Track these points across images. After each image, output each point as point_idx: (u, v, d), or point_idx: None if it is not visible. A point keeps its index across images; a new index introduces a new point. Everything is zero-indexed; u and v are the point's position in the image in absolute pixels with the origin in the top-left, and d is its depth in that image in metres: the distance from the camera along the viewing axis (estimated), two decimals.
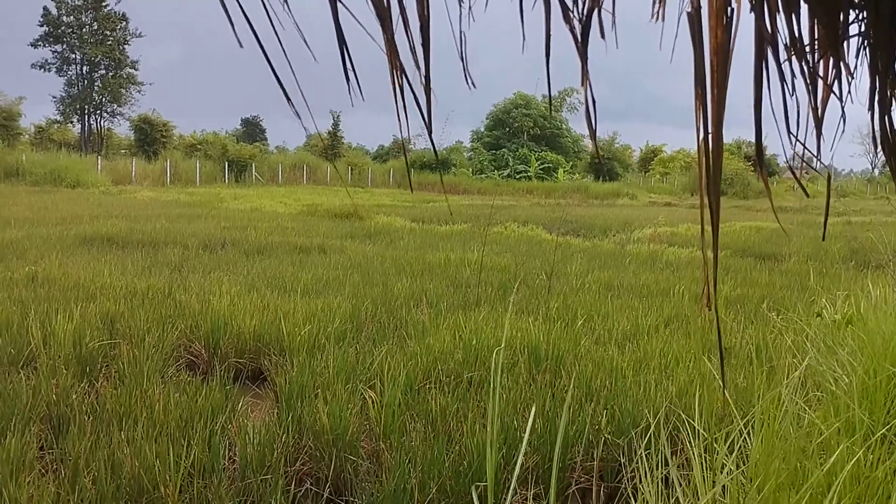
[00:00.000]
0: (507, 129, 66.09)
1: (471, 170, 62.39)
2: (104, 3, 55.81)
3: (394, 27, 0.86)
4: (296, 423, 4.26)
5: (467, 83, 0.99)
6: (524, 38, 1.01)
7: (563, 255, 12.79)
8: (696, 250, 14.60)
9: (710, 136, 0.92)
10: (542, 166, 60.40)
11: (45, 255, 10.35)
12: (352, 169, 58.74)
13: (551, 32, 0.95)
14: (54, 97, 56.99)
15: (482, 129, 68.63)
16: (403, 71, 0.91)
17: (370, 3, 0.84)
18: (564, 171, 60.88)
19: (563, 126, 69.84)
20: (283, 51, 0.96)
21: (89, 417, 4.27)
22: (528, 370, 5.54)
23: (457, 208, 27.38)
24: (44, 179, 36.17)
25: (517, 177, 59.44)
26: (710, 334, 6.88)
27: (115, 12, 56.38)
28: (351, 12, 0.85)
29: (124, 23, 57.06)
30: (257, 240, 13.53)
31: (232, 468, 3.95)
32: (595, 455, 4.00)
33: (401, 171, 60.73)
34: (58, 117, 57.68)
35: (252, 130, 75.26)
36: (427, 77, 0.89)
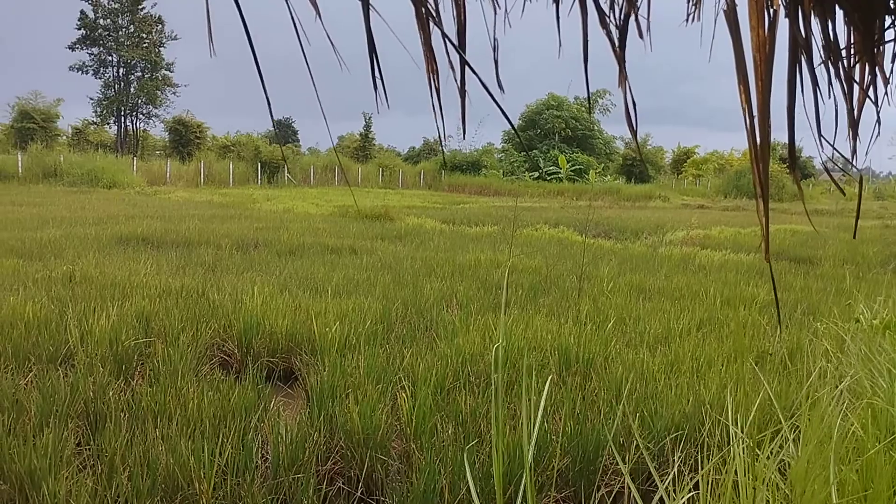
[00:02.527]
0: (539, 130, 65.93)
1: (501, 171, 62.31)
2: (140, 6, 56.64)
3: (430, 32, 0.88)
4: (327, 423, 4.29)
5: (499, 88, 1.00)
6: (560, 44, 1.02)
7: (594, 258, 12.74)
8: (729, 253, 14.45)
9: (755, 121, 0.93)
10: (573, 168, 60.13)
11: (82, 255, 10.54)
12: (383, 170, 58.98)
13: (588, 38, 0.96)
14: (91, 99, 58.00)
15: (511, 131, 68.51)
16: (437, 74, 0.92)
17: (413, 7, 0.85)
18: (596, 173, 60.56)
19: (595, 127, 69.50)
20: (305, 58, 0.98)
21: (125, 414, 4.34)
22: (559, 372, 5.53)
23: (487, 210, 27.37)
24: (81, 180, 36.82)
25: (548, 178, 59.26)
26: (742, 338, 6.81)
27: (151, 15, 57.22)
28: (383, 18, 0.86)
29: (160, 25, 57.87)
30: (289, 240, 13.63)
31: (264, 466, 4.00)
32: (626, 458, 3.98)
33: (431, 173, 60.85)
34: (95, 119, 58.67)
35: (285, 132, 75.88)
36: (462, 81, 0.91)
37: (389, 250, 13.02)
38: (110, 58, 56.82)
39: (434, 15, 0.86)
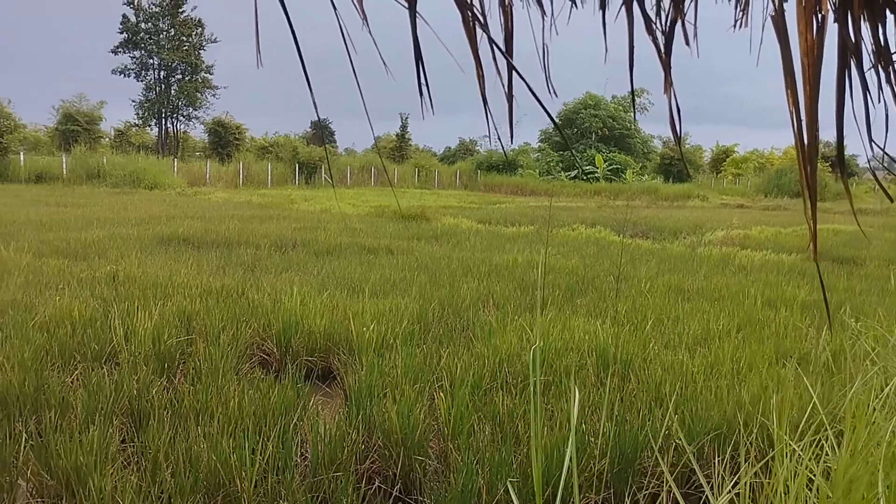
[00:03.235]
0: (576, 129, 65.56)
1: (538, 171, 62.09)
2: (181, 10, 57.49)
3: (478, 40, 0.89)
4: (365, 422, 4.33)
5: (549, 93, 1.00)
6: (606, 50, 1.02)
7: (632, 258, 12.64)
8: (770, 253, 14.23)
9: (803, 124, 0.92)
10: (609, 167, 59.68)
11: (125, 255, 10.74)
12: (419, 170, 59.14)
13: (634, 44, 0.96)
14: (133, 101, 59.03)
15: (550, 130, 68.24)
16: (484, 80, 0.93)
17: (462, 15, 0.86)
18: (633, 172, 60.03)
19: (633, 127, 68.89)
20: (352, 64, 0.99)
21: (168, 412, 4.42)
22: (596, 373, 5.50)
23: (523, 210, 27.29)
24: (123, 181, 37.51)
25: (584, 178, 58.90)
26: (783, 339, 6.71)
27: (191, 18, 58.04)
28: (430, 27, 0.87)
29: (200, 28, 58.66)
30: (327, 241, 13.74)
31: (303, 465, 4.04)
32: (666, 460, 3.94)
33: (467, 173, 60.88)
34: (136, 121, 59.69)
35: (322, 133, 76.42)
36: (510, 86, 0.91)
37: (426, 250, 13.05)
38: (151, 61, 57.78)
39: (481, 21, 0.87)
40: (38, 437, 3.99)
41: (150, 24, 57.19)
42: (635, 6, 0.94)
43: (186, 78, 58.76)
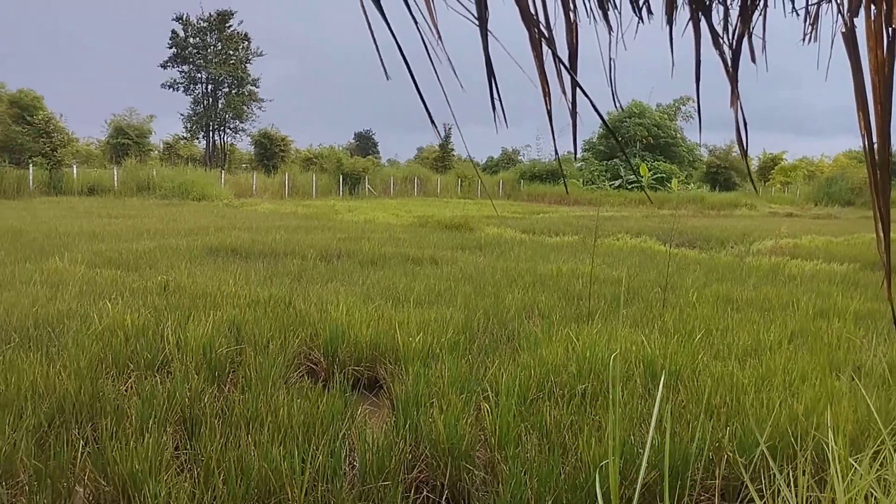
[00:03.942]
0: (620, 138, 65.12)
1: (581, 180, 61.77)
2: (228, 24, 58.62)
3: (543, 56, 0.90)
4: (412, 432, 4.34)
5: (615, 106, 1.01)
6: (673, 65, 1.03)
7: (679, 268, 12.49)
8: (821, 263, 13.94)
9: (874, 146, 0.91)
10: (654, 176, 59.10)
11: (175, 265, 10.95)
12: (461, 181, 59.28)
13: (701, 58, 0.97)
14: (182, 115, 60.33)
15: (594, 139, 67.89)
16: (550, 96, 0.94)
17: (528, 32, 0.88)
18: (678, 181, 59.37)
19: (678, 135, 68.20)
20: (437, 75, 1.01)
21: (219, 420, 4.49)
22: (644, 384, 5.44)
23: (567, 219, 27.16)
24: (172, 193, 38.31)
25: (629, 187, 58.41)
26: (836, 351, 6.56)
27: (237, 32, 59.16)
28: (501, 44, 0.89)
29: (246, 42, 59.76)
30: (371, 251, 13.83)
31: (351, 473, 4.07)
32: (717, 473, 3.89)
33: (510, 183, 60.86)
34: (185, 134, 60.98)
35: (365, 144, 77.21)
36: (573, 102, 0.93)
37: (470, 260, 13.06)
38: (199, 75, 59.01)
39: (546, 37, 0.88)
40: (95, 444, 4.09)
41: (198, 38, 58.44)
42: (703, 21, 0.95)
43: (233, 91, 59.86)
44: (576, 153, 1.04)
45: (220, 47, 58.66)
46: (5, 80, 47.56)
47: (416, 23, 0.86)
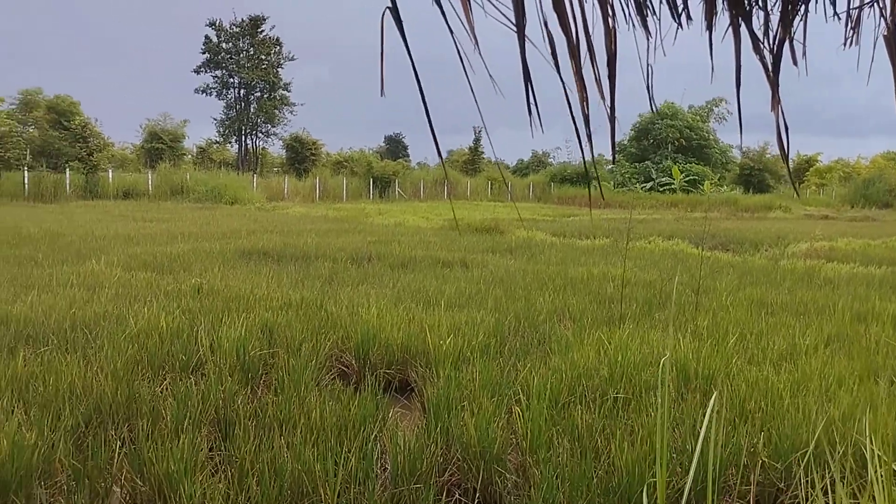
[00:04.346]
0: (652, 140, 64.61)
1: (612, 183, 61.38)
2: (260, 29, 59.20)
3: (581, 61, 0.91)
4: (444, 435, 4.35)
5: (652, 110, 1.01)
6: (713, 70, 1.03)
7: (711, 271, 12.36)
8: (858, 266, 13.71)
9: None
10: (686, 178, 58.54)
11: (208, 268, 11.08)
12: (491, 183, 59.25)
13: (741, 63, 0.96)
14: (215, 119, 61.08)
15: (625, 141, 67.44)
16: (588, 102, 0.94)
17: (567, 39, 0.88)
18: (711, 184, 58.73)
19: (711, 137, 67.48)
20: (470, 84, 1.02)
21: (252, 422, 4.53)
22: (677, 388, 5.39)
23: (598, 222, 27.02)
24: (205, 196, 38.80)
25: (660, 189, 57.92)
26: (875, 355, 6.45)
27: (269, 37, 59.71)
28: (538, 49, 0.89)
29: (278, 47, 60.30)
30: (401, 254, 13.88)
31: (383, 475, 4.09)
32: (752, 479, 3.84)
33: (540, 186, 60.70)
34: (218, 138, 61.71)
35: (395, 147, 77.49)
36: (612, 108, 0.93)
37: (500, 263, 13.05)
38: (232, 80, 59.67)
39: (580, 42, 0.88)
40: (131, 444, 4.16)
41: (230, 44, 59.10)
42: (743, 26, 0.94)
43: (265, 96, 60.43)
44: (614, 158, 1.05)
45: (252, 52, 59.27)
46: (42, 85, 48.45)
47: (451, 31, 0.86)
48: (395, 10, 0.92)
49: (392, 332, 6.64)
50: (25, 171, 37.04)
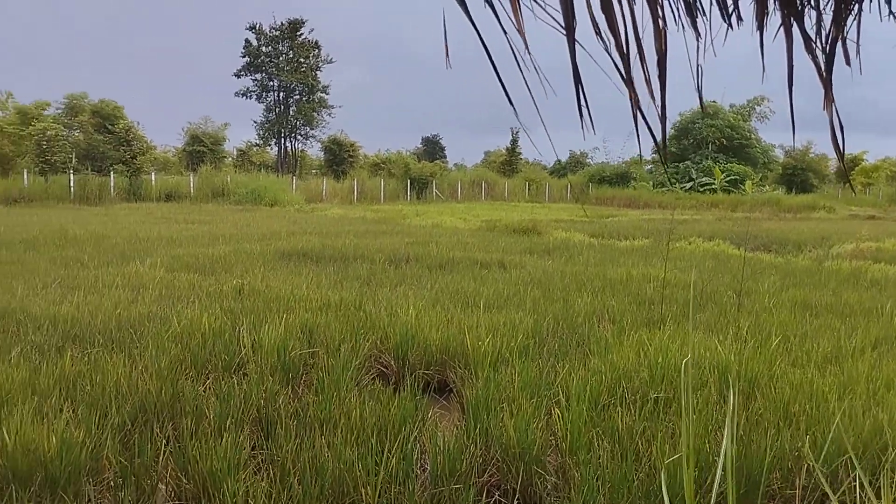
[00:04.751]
0: (692, 139, 63.76)
1: (651, 183, 60.76)
2: (299, 33, 59.73)
3: (631, 62, 0.91)
4: (483, 436, 4.35)
5: (702, 110, 1.01)
6: (764, 69, 1.02)
7: (753, 272, 12.19)
8: None
9: None
10: (727, 178, 57.69)
11: (249, 270, 11.22)
12: (529, 184, 59.07)
13: (793, 63, 0.95)
14: (255, 122, 61.74)
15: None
16: (638, 101, 0.94)
17: (615, 40, 0.89)
18: (753, 183, 57.81)
19: (752, 136, 66.39)
20: (528, 86, 1.02)
21: (294, 421, 4.58)
22: (719, 391, 5.33)
23: (637, 223, 26.79)
24: (245, 199, 39.28)
25: (701, 189, 57.16)
26: None
27: (308, 40, 60.19)
28: (589, 53, 0.90)
29: (317, 50, 60.76)
30: (439, 255, 13.90)
31: (423, 475, 4.10)
32: (797, 483, 3.78)
33: (578, 186, 60.35)
34: (257, 141, 62.40)
35: (432, 148, 77.63)
36: (663, 107, 0.93)
37: (538, 264, 13.00)
38: (272, 83, 60.26)
39: (629, 43, 0.88)
40: (176, 443, 4.23)
41: (270, 47, 59.67)
42: (795, 26, 0.94)
43: (304, 99, 60.92)
44: (664, 159, 1.04)
45: (291, 55, 59.78)
46: (87, 90, 49.48)
47: (505, 32, 0.87)
48: (462, 2, 0.93)
49: (430, 333, 6.66)
50: (71, 175, 37.85)
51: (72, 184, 37.28)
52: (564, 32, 0.88)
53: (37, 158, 39.15)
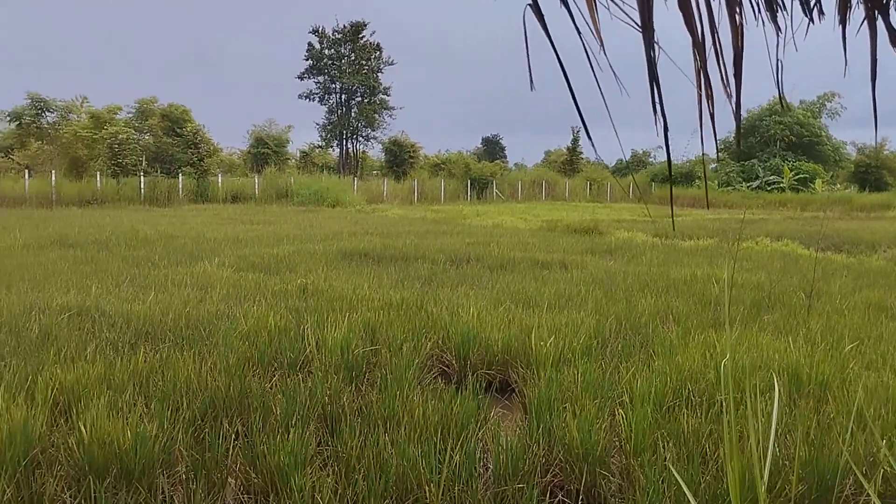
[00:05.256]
0: (759, 137, 62.15)
1: (716, 182, 59.49)
2: (361, 35, 60.34)
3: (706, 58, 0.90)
4: (546, 436, 4.34)
5: (782, 107, 1.00)
6: (846, 63, 1.00)
7: (824, 273, 11.84)
8: None
9: None
10: (796, 177, 56.10)
11: (312, 269, 11.40)
12: (590, 184, 58.52)
13: (877, 57, 0.94)
14: (317, 124, 62.59)
15: (730, 138, 65.23)
16: (712, 99, 0.94)
17: (692, 38, 0.88)
18: (823, 182, 56.10)
19: (822, 133, 64.42)
20: (599, 87, 1.03)
21: (358, 418, 4.65)
22: (788, 394, 5.20)
23: (701, 222, 26.30)
24: (308, 199, 39.92)
25: (768, 188, 55.72)
26: None
27: (370, 43, 60.75)
28: (665, 52, 0.90)
29: (378, 52, 61.26)
30: (500, 255, 13.89)
31: (486, 474, 4.11)
32: (873, 488, 3.66)
33: (641, 186, 59.48)
34: (320, 143, 63.27)
35: (492, 148, 77.52)
36: (738, 104, 0.92)
37: (600, 265, 12.88)
38: (334, 85, 60.97)
39: (705, 40, 0.88)
40: (245, 438, 4.33)
41: (332, 50, 60.40)
42: (879, 20, 0.92)
43: (365, 100, 61.50)
44: (740, 155, 1.03)
45: (353, 58, 60.41)
46: (157, 94, 50.92)
47: (579, 32, 0.88)
48: (536, 7, 0.94)
49: (492, 332, 6.66)
50: (141, 177, 39.06)
51: (142, 185, 38.47)
52: (641, 31, 0.88)
53: (109, 161, 40.49)
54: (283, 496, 3.69)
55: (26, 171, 38.80)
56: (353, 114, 61.40)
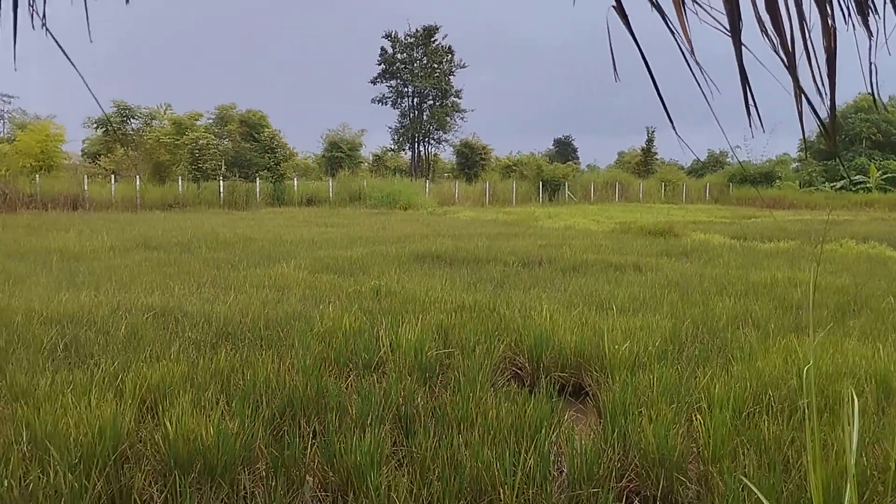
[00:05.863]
0: (844, 136, 59.82)
1: (798, 182, 57.58)
2: (433, 39, 60.69)
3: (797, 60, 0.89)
4: (621, 440, 4.29)
5: (876, 108, 0.97)
6: None
7: None
8: None
9: None
10: (884, 176, 53.81)
11: (385, 271, 11.52)
12: (665, 185, 57.44)
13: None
14: (390, 127, 63.18)
15: (812, 138, 62.99)
16: (806, 95, 0.92)
17: (780, 39, 0.88)
18: None
19: None
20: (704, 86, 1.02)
21: (432, 420, 4.68)
22: (877, 401, 5.01)
23: (781, 224, 25.52)
24: (380, 202, 40.36)
25: (853, 189, 53.62)
26: None
27: (442, 46, 61.03)
28: (755, 55, 0.89)
29: (450, 55, 61.50)
30: (572, 257, 13.77)
31: (560, 478, 4.09)
32: None
33: (718, 186, 58.07)
34: (392, 146, 63.87)
35: (564, 150, 76.85)
36: (832, 106, 0.90)
37: (675, 267, 12.64)
38: (406, 89, 61.47)
39: (794, 42, 0.87)
40: (322, 437, 4.42)
41: (405, 54, 60.91)
42: None
43: (437, 104, 61.79)
44: (836, 155, 1.01)
45: (425, 61, 60.78)
46: (235, 101, 52.23)
47: (673, 34, 0.88)
48: (620, 8, 0.94)
49: (565, 335, 6.62)
50: (221, 181, 40.18)
51: (221, 189, 39.57)
52: (730, 34, 0.87)
53: (190, 166, 41.78)
54: (360, 495, 3.75)
55: (112, 176, 40.38)
56: (424, 117, 61.76)
